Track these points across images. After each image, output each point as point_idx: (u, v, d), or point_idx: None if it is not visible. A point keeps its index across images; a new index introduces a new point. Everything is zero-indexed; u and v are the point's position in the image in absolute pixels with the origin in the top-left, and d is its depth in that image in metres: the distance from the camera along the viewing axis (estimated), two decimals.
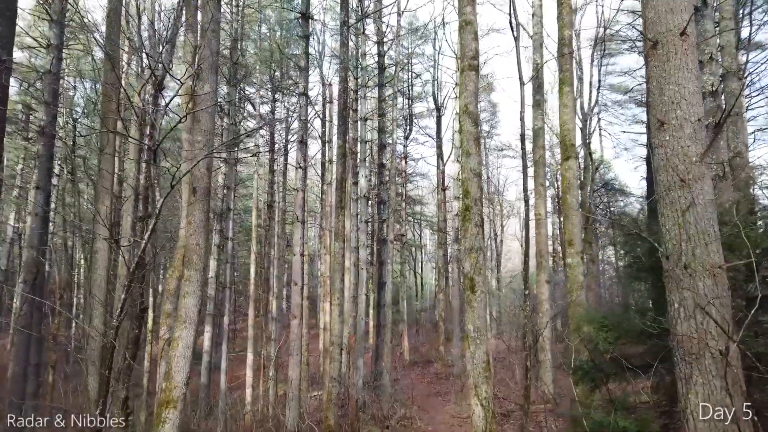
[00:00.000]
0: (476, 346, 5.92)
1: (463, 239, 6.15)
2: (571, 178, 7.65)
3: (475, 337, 5.94)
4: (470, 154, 6.08)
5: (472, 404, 5.90)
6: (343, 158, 13.02)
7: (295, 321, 13.43)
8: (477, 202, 6.05)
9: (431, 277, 38.44)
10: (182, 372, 5.69)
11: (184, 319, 5.75)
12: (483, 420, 5.77)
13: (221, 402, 14.89)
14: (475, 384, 5.89)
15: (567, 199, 7.64)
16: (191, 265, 5.84)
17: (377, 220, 17.76)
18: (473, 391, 5.90)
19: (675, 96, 3.72)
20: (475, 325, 5.96)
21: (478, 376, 5.88)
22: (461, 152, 6.26)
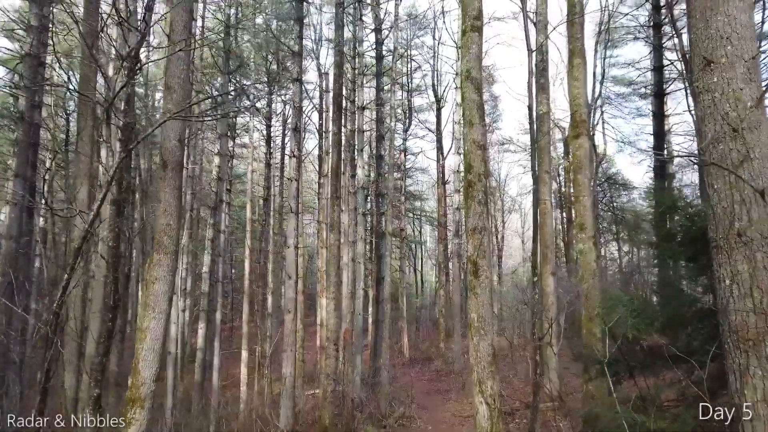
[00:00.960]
0: (480, 337, 5.24)
1: (465, 218, 5.47)
2: (582, 156, 6.98)
3: (479, 327, 5.27)
4: (473, 125, 5.40)
5: (476, 402, 5.23)
6: (338, 146, 12.35)
7: (288, 316, 12.76)
8: (481, 177, 5.37)
9: (432, 275, 37.76)
10: (150, 367, 5.02)
11: (152, 307, 5.08)
12: (488, 420, 5.10)
13: (213, 401, 14.22)
14: (479, 379, 5.21)
15: (578, 180, 6.96)
16: (161, 248, 5.17)
17: (375, 213, 17.09)
18: (477, 388, 5.23)
19: (724, 29, 3.04)
20: (479, 313, 5.28)
21: (482, 371, 5.21)
22: (463, 122, 5.59)
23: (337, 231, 12.14)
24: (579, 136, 7.04)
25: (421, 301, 32.22)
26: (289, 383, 12.59)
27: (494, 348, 5.34)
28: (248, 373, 16.73)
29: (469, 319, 5.36)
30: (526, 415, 10.45)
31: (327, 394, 11.71)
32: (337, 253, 12.14)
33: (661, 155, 14.54)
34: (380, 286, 16.46)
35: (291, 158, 13.31)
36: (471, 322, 5.34)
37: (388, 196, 14.27)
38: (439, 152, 22.58)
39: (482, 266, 5.33)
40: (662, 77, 15.44)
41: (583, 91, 6.96)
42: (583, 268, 6.75)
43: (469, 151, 5.42)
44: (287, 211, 13.17)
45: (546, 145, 11.47)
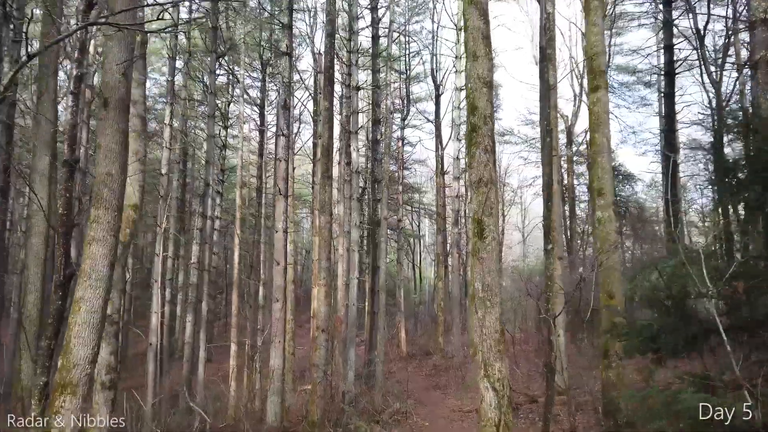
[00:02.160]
0: (486, 309, 4.30)
1: (468, 169, 4.55)
2: (601, 112, 6.04)
3: (484, 297, 4.32)
4: (478, 57, 4.47)
5: (481, 388, 4.29)
6: (329, 123, 11.42)
7: (277, 305, 11.83)
8: (487, 120, 4.44)
9: (430, 272, 36.80)
10: (86, 345, 4.08)
11: (88, 273, 4.14)
12: (496, 409, 4.16)
13: (199, 396, 13.28)
14: (484, 361, 4.27)
15: (596, 139, 6.02)
16: (101, 202, 4.24)
17: (371, 200, 16.17)
18: (482, 371, 4.29)
19: None
20: (485, 282, 4.34)
21: (488, 351, 4.27)
22: (466, 55, 4.65)
23: (328, 213, 11.20)
24: (597, 88, 6.10)
25: (419, 297, 31.27)
26: (278, 377, 11.66)
27: (502, 324, 4.40)
28: (238, 367, 15.78)
29: (472, 290, 4.43)
30: (532, 409, 9.52)
31: (317, 387, 10.77)
32: (329, 237, 11.21)
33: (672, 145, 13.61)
34: (376, 276, 15.52)
35: (280, 137, 12.40)
36: (474, 293, 4.40)
37: (384, 180, 13.34)
38: (438, 141, 21.64)
39: (488, 225, 4.39)
40: (673, 56, 14.52)
41: (601, 38, 6.04)
42: (600, 239, 5.81)
43: (473, 88, 4.49)
44: (276, 193, 12.24)
45: (553, 120, 10.54)
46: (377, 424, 9.65)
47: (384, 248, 13.55)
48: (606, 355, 5.76)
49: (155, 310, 12.08)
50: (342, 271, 14.86)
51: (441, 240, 21.33)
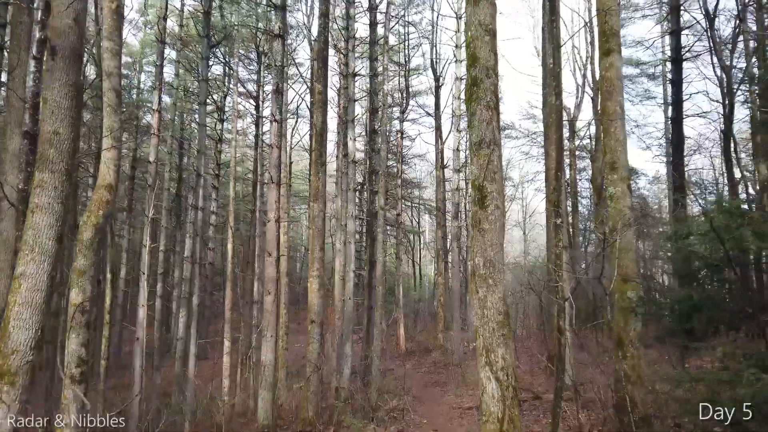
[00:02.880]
0: (488, 288, 3.73)
1: (469, 129, 3.98)
2: (614, 78, 5.44)
3: (485, 274, 3.75)
4: (479, 1, 3.90)
5: (482, 378, 3.71)
6: (322, 106, 10.86)
7: (268, 297, 11.25)
8: (489, 72, 3.87)
9: (430, 269, 36.19)
10: (28, 329, 3.52)
11: (31, 246, 3.59)
12: (499, 401, 3.59)
13: (188, 394, 12.71)
14: (485, 347, 3.70)
15: (608, 107, 5.43)
16: (46, 164, 3.68)
17: (368, 192, 15.61)
18: (483, 358, 3.71)
19: None
20: (486, 256, 3.77)
21: (490, 335, 3.69)
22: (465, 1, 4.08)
23: (321, 202, 10.63)
24: (610, 52, 5.52)
25: (419, 294, 30.68)
26: (269, 372, 11.07)
27: (507, 305, 3.82)
28: (231, 364, 15.23)
29: (473, 266, 3.85)
30: (535, 405, 8.94)
31: (310, 383, 10.21)
32: (322, 227, 10.64)
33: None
34: (373, 270, 14.95)
35: (272, 123, 11.83)
36: (475, 270, 3.82)
37: (382, 169, 12.77)
38: (438, 134, 21.08)
39: (491, 193, 3.81)
40: (680, 41, 13.93)
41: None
42: (613, 216, 5.23)
43: (473, 37, 3.91)
44: (267, 181, 11.67)
45: (557, 106, 9.95)
46: (372, 421, 9.06)
47: (381, 240, 12.97)
48: (620, 345, 5.17)
49: (142, 303, 11.50)
50: (339, 265, 14.30)
51: (441, 235, 20.77)
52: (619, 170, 5.37)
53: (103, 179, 6.79)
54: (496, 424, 3.57)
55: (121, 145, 7.09)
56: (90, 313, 6.64)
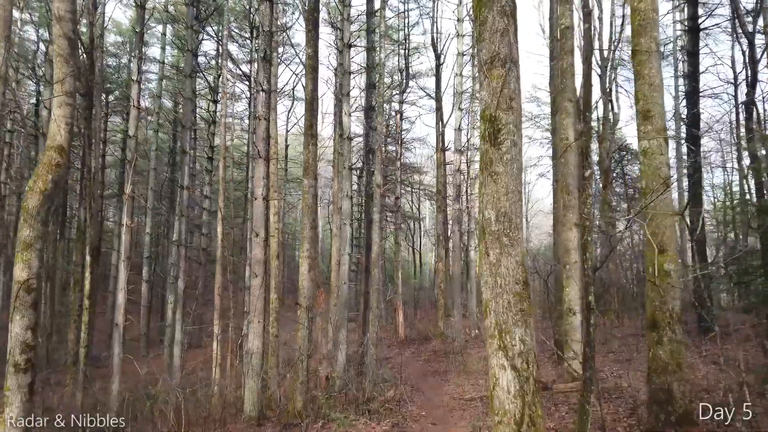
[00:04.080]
0: (502, 249, 2.82)
1: (478, 44, 3.05)
2: (648, 10, 4.49)
3: (498, 231, 2.84)
4: None
5: (493, 366, 2.81)
6: (313, 73, 9.90)
7: (256, 280, 10.38)
8: None
9: (431, 257, 35.31)
10: None
11: None
12: (516, 397, 2.69)
13: (176, 383, 11.88)
14: (498, 327, 2.79)
15: (641, 46, 4.50)
16: None
17: (366, 172, 14.69)
18: (495, 341, 2.81)
19: None
20: (500, 208, 2.85)
21: (505, 311, 2.79)
22: None
23: (312, 176, 9.70)
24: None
25: (419, 281, 29.85)
26: (256, 361, 10.24)
27: (526, 271, 2.91)
28: (221, 352, 14.39)
29: (482, 222, 2.93)
30: (544, 397, 8.04)
31: (299, 372, 9.35)
32: (313, 203, 9.72)
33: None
34: (369, 253, 14.07)
35: (260, 93, 10.88)
36: (485, 226, 2.90)
37: (379, 143, 11.83)
38: (439, 115, 20.07)
39: (506, 125, 2.89)
40: (697, 9, 12.90)
41: None
42: (647, 174, 4.31)
43: None
44: (255, 155, 10.74)
45: (569, 68, 8.99)
46: (365, 414, 8.21)
47: (378, 220, 12.06)
48: (655, 327, 4.27)
49: (122, 287, 10.64)
50: (335, 250, 13.42)
51: (441, 219, 19.85)
52: (655, 120, 4.44)
53: (53, 139, 5.87)
54: (512, 427, 2.68)
55: (75, 102, 6.17)
56: (36, 292, 5.76)
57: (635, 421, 5.39)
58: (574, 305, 8.91)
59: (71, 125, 5.92)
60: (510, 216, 2.85)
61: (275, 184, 11.86)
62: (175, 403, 10.65)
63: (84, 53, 14.78)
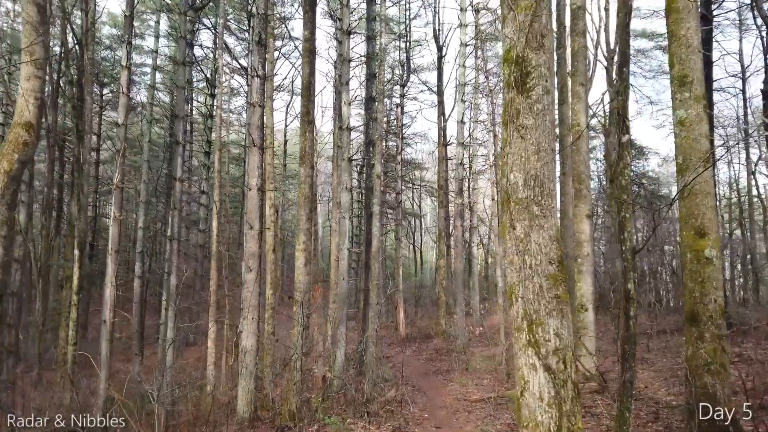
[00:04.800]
0: (531, 220, 2.24)
1: None
2: None
3: (527, 199, 2.26)
4: None
5: (521, 365, 2.24)
6: (310, 56, 9.31)
7: (249, 275, 9.82)
8: None
9: (431, 255, 34.72)
10: None
11: None
12: (552, 406, 2.11)
13: (165, 383, 11.28)
14: (527, 317, 2.22)
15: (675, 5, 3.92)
16: None
17: (366, 165, 14.13)
18: (523, 335, 2.23)
19: None
20: (529, 169, 2.28)
21: (536, 298, 2.21)
22: None
23: (309, 165, 9.12)
24: None
25: (420, 279, 29.29)
26: (250, 359, 9.67)
27: (561, 248, 2.33)
28: (217, 350, 13.84)
29: (506, 188, 2.34)
30: None
31: (294, 371, 8.77)
32: (310, 193, 9.14)
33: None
34: (369, 248, 13.49)
35: (254, 78, 10.31)
36: (510, 193, 2.32)
37: (380, 131, 11.26)
38: (441, 109, 19.50)
39: (537, 68, 2.31)
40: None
41: None
42: (684, 149, 3.75)
43: None
44: (249, 144, 10.17)
45: (581, 50, 8.42)
46: (362, 417, 7.63)
47: (378, 213, 11.50)
48: (695, 322, 3.69)
49: (110, 282, 10.07)
50: (334, 245, 12.85)
51: (443, 215, 19.27)
52: (693, 86, 3.88)
53: (21, 115, 5.29)
54: None
55: (45, 75, 5.60)
56: (5, 284, 5.19)
57: (663, 427, 4.81)
58: (586, 301, 8.34)
59: (41, 100, 5.34)
60: (541, 180, 2.27)
61: (271, 175, 11.32)
62: (164, 403, 10.09)
63: (76, 43, 14.25)
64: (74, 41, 13.97)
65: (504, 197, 2.34)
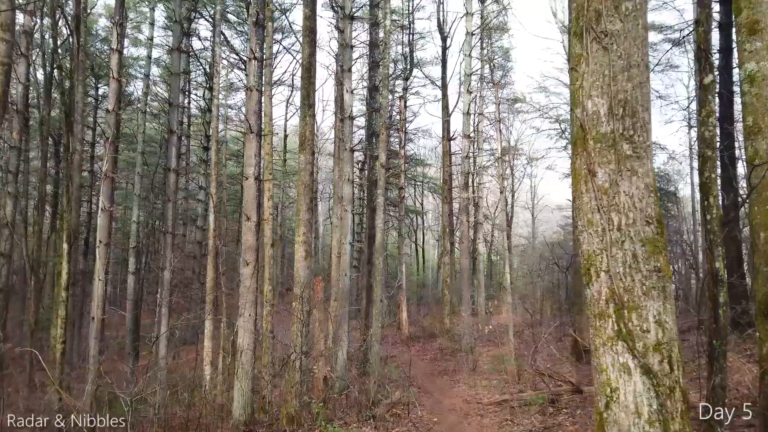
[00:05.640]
0: (620, 163, 1.56)
1: None
2: None
3: (611, 133, 1.57)
4: None
5: (607, 365, 1.55)
6: (309, 34, 8.66)
7: (246, 269, 9.18)
8: None
9: (433, 254, 34.05)
10: None
11: None
12: (653, 424, 1.43)
13: (156, 383, 10.61)
14: (614, 297, 1.54)
15: None
16: None
17: (369, 158, 13.48)
18: (608, 323, 1.55)
19: None
20: (616, 93, 1.59)
21: (627, 271, 1.53)
22: None
23: (309, 151, 8.46)
24: None
25: (422, 278, 28.63)
26: (246, 359, 9.02)
27: (660, 205, 1.65)
28: (214, 349, 13.15)
29: (580, 119, 1.66)
30: (579, 403, 6.78)
31: (294, 372, 8.10)
32: (309, 182, 8.48)
33: None
34: (372, 243, 12.85)
35: (251, 61, 9.66)
36: (586, 127, 1.65)
37: (383, 119, 10.60)
38: (444, 102, 18.85)
39: None
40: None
41: None
42: (755, 109, 3.09)
43: None
44: (245, 131, 9.52)
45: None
46: (367, 422, 6.96)
47: (382, 204, 10.84)
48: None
49: (99, 277, 9.40)
50: (335, 241, 12.20)
51: (447, 211, 18.61)
52: (765, 34, 3.23)
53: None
54: None
55: (13, 39, 4.94)
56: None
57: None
58: None
59: (8, 66, 4.69)
60: (633, 106, 1.61)
61: (269, 165, 10.66)
62: (155, 406, 9.42)
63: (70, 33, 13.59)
64: (67, 30, 13.34)
65: (577, 134, 1.68)
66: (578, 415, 6.16)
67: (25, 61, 11.23)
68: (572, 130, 1.73)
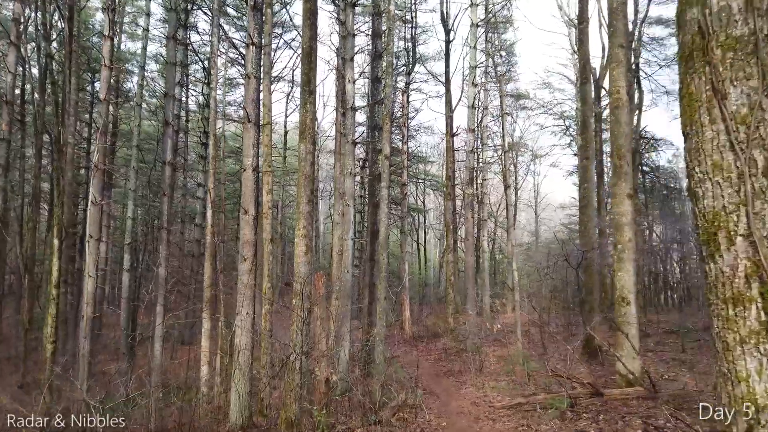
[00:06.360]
0: (763, 73, 1.01)
1: None
2: None
3: (749, 35, 1.04)
4: None
5: (747, 373, 1.01)
6: (312, 17, 8.15)
7: (244, 265, 8.69)
8: None
9: (435, 254, 33.54)
10: None
11: None
12: None
13: (153, 382, 10.13)
14: (758, 273, 1.00)
15: None
16: None
17: (371, 150, 12.98)
18: (752, 309, 1.01)
19: None
20: None
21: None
22: None
23: (309, 140, 7.95)
24: None
25: (424, 277, 28.13)
26: (244, 359, 8.52)
27: None
28: (211, 349, 12.64)
29: (697, 22, 1.14)
30: (604, 407, 6.27)
31: (294, 373, 7.59)
32: (310, 172, 7.97)
33: None
34: (375, 240, 12.35)
35: (248, 47, 9.17)
36: (711, 26, 1.12)
37: (387, 109, 10.11)
38: (448, 97, 18.34)
39: None
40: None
41: None
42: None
43: None
44: (243, 120, 9.02)
45: (620, 6, 7.27)
46: (377, 424, 6.45)
47: (386, 197, 10.34)
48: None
49: (90, 273, 8.90)
50: (337, 237, 11.69)
51: (450, 208, 18.10)
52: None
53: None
54: None
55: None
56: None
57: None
58: (627, 293, 7.17)
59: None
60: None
61: (268, 157, 10.13)
62: (146, 407, 8.91)
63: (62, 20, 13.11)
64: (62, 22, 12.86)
65: (692, 44, 1.18)
66: (601, 420, 5.65)
67: (15, 50, 10.73)
68: (681, 39, 1.23)
